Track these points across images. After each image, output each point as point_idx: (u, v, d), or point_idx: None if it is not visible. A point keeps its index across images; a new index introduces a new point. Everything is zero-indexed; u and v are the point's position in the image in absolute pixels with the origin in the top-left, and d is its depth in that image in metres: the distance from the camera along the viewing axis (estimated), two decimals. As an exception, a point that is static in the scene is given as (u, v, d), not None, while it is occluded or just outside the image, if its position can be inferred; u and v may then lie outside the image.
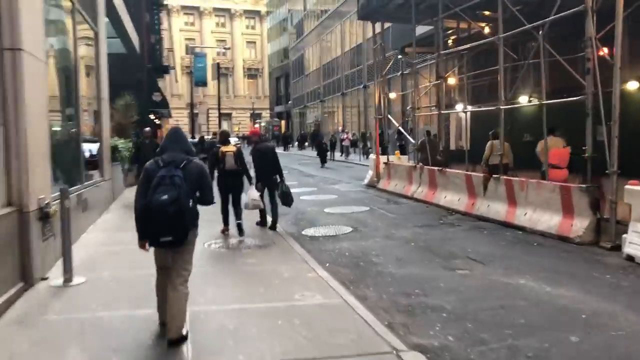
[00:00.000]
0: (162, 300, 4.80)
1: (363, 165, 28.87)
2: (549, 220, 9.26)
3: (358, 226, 10.84)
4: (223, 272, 7.04)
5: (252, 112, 74.45)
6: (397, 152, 19.01)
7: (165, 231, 4.37)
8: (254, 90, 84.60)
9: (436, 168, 13.73)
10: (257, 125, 69.07)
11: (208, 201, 4.78)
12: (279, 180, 10.17)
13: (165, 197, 4.29)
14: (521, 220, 9.90)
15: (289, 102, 64.70)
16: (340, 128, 35.71)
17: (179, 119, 65.32)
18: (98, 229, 10.02)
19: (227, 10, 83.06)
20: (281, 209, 12.17)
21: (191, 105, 36.66)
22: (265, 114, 78.94)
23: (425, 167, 14.38)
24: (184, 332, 4.60)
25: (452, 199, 12.52)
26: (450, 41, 17.91)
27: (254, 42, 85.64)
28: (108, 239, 9.18)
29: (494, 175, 11.16)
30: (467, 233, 9.95)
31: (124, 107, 17.93)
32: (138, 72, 27.11)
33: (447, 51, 13.82)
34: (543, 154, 10.43)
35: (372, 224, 11.14)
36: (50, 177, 7.27)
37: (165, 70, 32.20)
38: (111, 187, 13.01)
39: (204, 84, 40.47)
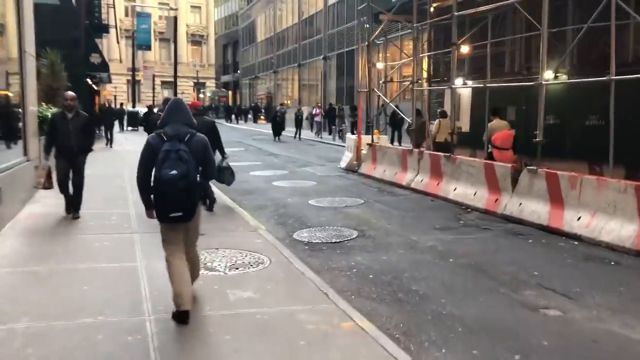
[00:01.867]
0: (180, 284, 4.45)
1: (325, 143, 26.54)
2: (618, 229, 7.26)
3: (362, 227, 8.54)
4: (218, 328, 4.59)
5: (196, 81, 70.41)
6: (377, 130, 16.72)
7: (175, 207, 4.33)
8: (198, 57, 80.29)
9: (442, 154, 11.56)
10: (200, 97, 65.29)
11: (212, 176, 4.84)
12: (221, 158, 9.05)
13: (174, 172, 4.21)
14: (574, 227, 7.87)
15: (238, 71, 61.17)
16: (317, 105, 32.47)
17: (118, 85, 60.58)
18: (17, 232, 7.26)
19: (172, -30, 77.79)
20: (258, 200, 11.01)
21: (133, 71, 32.97)
22: (211, 84, 75.13)
23: (427, 152, 12.19)
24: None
25: (465, 192, 10.40)
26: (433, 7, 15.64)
27: (199, 7, 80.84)
28: (31, 250, 6.47)
29: (528, 166, 9.09)
30: (508, 242, 7.84)
31: (50, 66, 14.68)
32: (73, 29, 23.42)
33: (465, 12, 11.45)
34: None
35: (379, 224, 8.88)
36: None
37: (104, 29, 28.43)
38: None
39: (147, 47, 36.66)
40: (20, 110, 9.16)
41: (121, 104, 30.73)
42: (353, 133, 18.21)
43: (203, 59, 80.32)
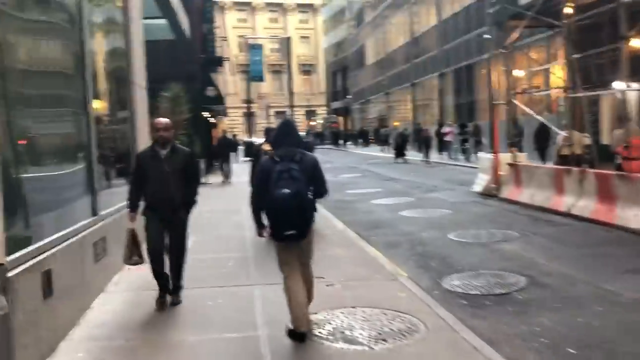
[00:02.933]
0: (297, 307, 4.47)
1: (447, 164, 24.50)
2: None
3: (530, 272, 6.72)
4: None
5: (307, 109, 71.17)
6: (514, 148, 14.62)
7: (288, 225, 4.36)
8: (309, 86, 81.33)
9: (613, 172, 9.40)
10: (312, 124, 65.50)
11: (323, 193, 4.71)
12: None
13: (286, 190, 4.29)
14: None
15: (348, 96, 60.61)
16: (448, 123, 29.02)
17: (234, 118, 62.46)
18: (121, 289, 6.28)
19: (280, 4, 79.89)
20: (387, 235, 9.56)
21: (247, 102, 33.19)
22: (321, 111, 75.52)
23: (591, 170, 10.06)
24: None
25: (653, 220, 8.19)
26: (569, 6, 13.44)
27: (308, 37, 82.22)
28: (133, 315, 5.42)
29: None
30: None
31: (172, 99, 14.33)
32: (189, 64, 23.69)
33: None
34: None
35: (550, 266, 6.99)
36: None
37: (219, 62, 28.73)
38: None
39: (260, 78, 36.86)
40: (129, 145, 8.42)
41: (234, 135, 30.69)
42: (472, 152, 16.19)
43: (313, 88, 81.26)
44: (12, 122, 4.47)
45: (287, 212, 4.29)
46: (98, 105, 6.86)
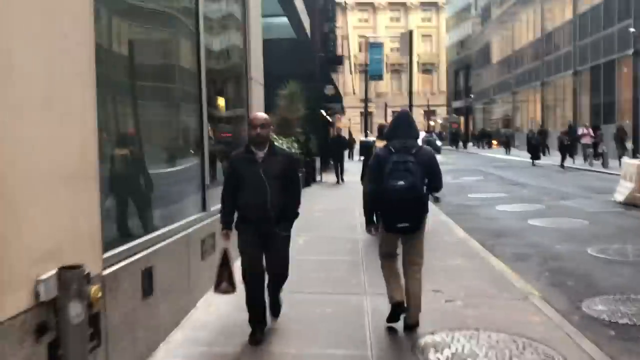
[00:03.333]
0: (395, 284, 4.63)
1: (580, 169, 22.37)
2: None
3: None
4: None
5: (426, 109, 69.46)
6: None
7: (402, 217, 4.35)
8: (429, 85, 79.40)
9: None
10: (431, 124, 63.67)
11: (438, 187, 4.62)
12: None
13: (401, 182, 4.25)
14: None
15: (470, 96, 58.19)
16: (585, 124, 25.83)
17: (352, 117, 62.51)
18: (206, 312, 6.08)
19: (403, 4, 78.77)
20: (514, 246, 8.54)
21: (365, 101, 32.83)
22: (441, 110, 73.36)
23: None
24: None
25: None
26: None
27: (430, 36, 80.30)
28: (229, 329, 5.15)
29: None
30: None
31: (288, 97, 14.26)
32: (309, 62, 23.75)
33: None
34: None
35: None
36: (99, 213, 3.34)
37: (339, 60, 28.63)
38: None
39: (379, 77, 36.30)
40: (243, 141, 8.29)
41: (350, 134, 30.41)
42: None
43: (434, 87, 79.29)
44: (127, 114, 4.36)
45: (401, 204, 4.27)
46: (213, 101, 6.74)
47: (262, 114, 4.66)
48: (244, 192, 4.37)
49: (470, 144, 48.79)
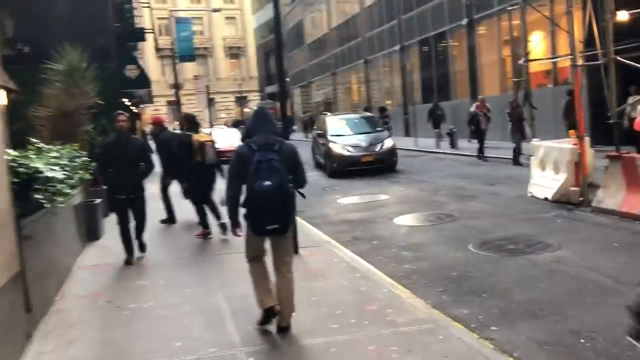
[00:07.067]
0: (265, 288, 4.53)
1: (419, 151, 20.00)
2: None
3: None
4: None
5: (238, 95, 65.69)
6: (572, 131, 10.31)
7: (271, 219, 4.25)
8: (239, 71, 75.74)
9: None
10: (245, 111, 60.02)
11: (302, 183, 4.59)
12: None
13: (268, 183, 4.14)
14: None
15: (285, 79, 55.52)
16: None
17: (158, 107, 55.79)
18: None
19: (201, -18, 73.34)
20: None
21: (176, 87, 27.38)
22: (254, 97, 70.20)
23: None
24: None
25: None
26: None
27: (234, 18, 76.50)
28: None
29: None
30: None
31: (68, 75, 8.90)
32: (100, 36, 17.88)
33: None
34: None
35: None
36: None
37: (140, 36, 22.83)
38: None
39: (190, 58, 30.92)
40: None
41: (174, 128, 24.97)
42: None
43: (243, 72, 75.83)
44: None
45: (270, 205, 4.16)
46: None
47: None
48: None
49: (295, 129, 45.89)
